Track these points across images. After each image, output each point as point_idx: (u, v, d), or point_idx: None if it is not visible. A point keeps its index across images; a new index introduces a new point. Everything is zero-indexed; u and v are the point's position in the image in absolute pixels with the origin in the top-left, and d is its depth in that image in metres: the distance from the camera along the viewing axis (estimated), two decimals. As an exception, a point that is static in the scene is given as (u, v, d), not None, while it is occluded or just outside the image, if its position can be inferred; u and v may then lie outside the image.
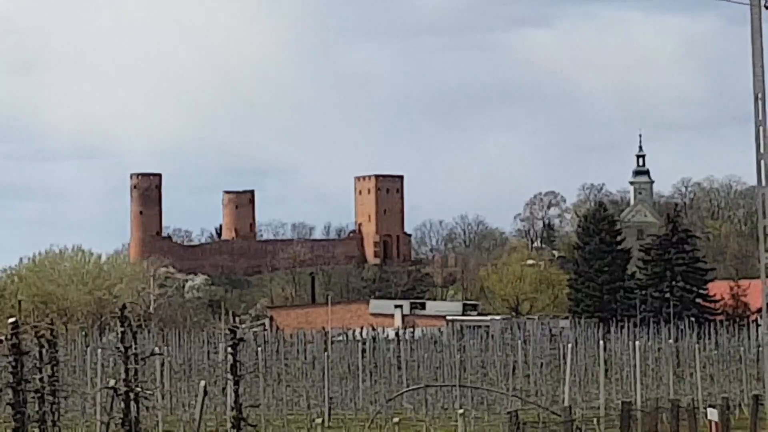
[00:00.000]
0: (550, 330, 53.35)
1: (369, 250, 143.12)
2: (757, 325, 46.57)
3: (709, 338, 47.44)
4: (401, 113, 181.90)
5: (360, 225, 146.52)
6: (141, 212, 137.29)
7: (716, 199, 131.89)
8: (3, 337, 18.65)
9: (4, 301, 74.67)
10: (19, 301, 45.54)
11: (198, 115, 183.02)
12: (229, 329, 18.99)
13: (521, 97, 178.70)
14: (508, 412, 24.46)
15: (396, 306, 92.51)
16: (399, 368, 41.97)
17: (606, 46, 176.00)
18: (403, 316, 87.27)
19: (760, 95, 25.89)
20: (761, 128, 26.61)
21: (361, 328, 64.70)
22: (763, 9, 27.58)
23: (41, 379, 18.05)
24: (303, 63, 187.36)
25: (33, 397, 16.82)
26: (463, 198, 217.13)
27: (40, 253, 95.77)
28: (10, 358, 17.04)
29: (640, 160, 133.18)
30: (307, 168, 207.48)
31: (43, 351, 18.08)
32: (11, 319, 16.72)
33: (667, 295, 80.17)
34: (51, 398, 17.70)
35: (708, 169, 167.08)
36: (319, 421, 28.17)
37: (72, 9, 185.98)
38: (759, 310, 55.39)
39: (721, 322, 64.35)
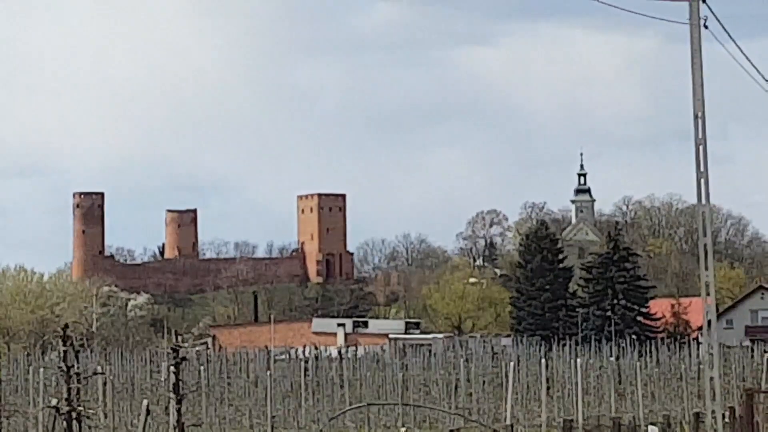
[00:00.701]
0: (492, 348, 54.58)
1: (312, 269, 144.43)
2: (698, 343, 48.18)
3: (651, 356, 48.40)
4: (345, 130, 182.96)
5: (303, 243, 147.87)
6: (83, 231, 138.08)
7: (657, 217, 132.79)
8: None
9: None
10: None
11: (141, 133, 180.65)
12: (171, 348, 18.85)
13: (465, 114, 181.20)
14: (451, 430, 24.82)
15: (339, 324, 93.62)
16: (342, 386, 42.21)
17: (549, 63, 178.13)
18: (346, 335, 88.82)
19: (699, 114, 26.45)
20: (701, 147, 27.30)
21: (304, 347, 65.86)
22: (702, 28, 28.49)
23: None
24: (246, 79, 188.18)
25: None
26: (405, 216, 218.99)
27: None
28: None
29: (582, 178, 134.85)
30: (250, 186, 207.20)
31: None
32: None
33: (609, 313, 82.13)
34: None
35: (649, 188, 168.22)
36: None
37: (12, 22, 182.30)
38: (700, 328, 56.80)
39: (663, 339, 65.98)
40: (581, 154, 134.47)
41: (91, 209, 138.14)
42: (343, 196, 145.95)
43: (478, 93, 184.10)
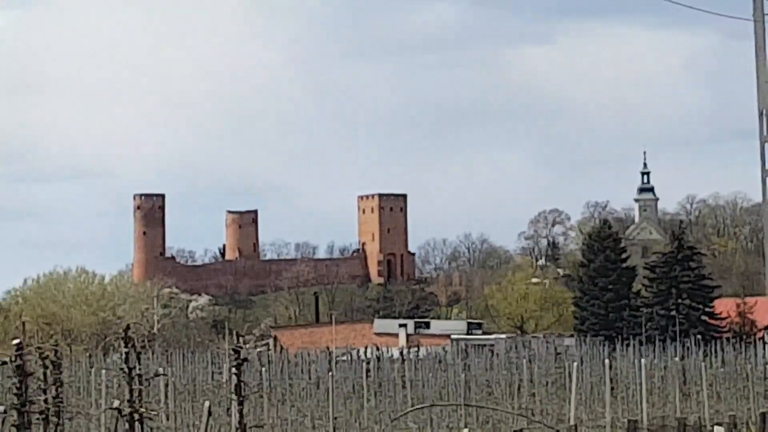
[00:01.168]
0: (555, 348, 53.94)
1: (373, 269, 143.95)
2: (764, 343, 48.23)
3: (716, 356, 47.66)
4: (404, 131, 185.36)
5: (364, 244, 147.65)
6: (144, 233, 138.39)
7: (722, 215, 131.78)
8: (7, 359, 17.81)
9: (8, 322, 76.00)
10: (23, 323, 46.16)
11: (201, 136, 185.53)
12: (233, 349, 19.21)
13: (523, 114, 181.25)
14: (514, 431, 24.84)
15: (400, 325, 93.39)
16: (404, 387, 42.23)
17: (607, 62, 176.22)
18: (408, 336, 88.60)
19: (765, 111, 25.97)
20: (766, 144, 26.69)
21: (366, 348, 65.50)
22: (765, 24, 27.65)
23: (46, 401, 17.95)
24: (304, 83, 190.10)
25: (38, 419, 17.43)
26: (466, 216, 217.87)
27: (44, 274, 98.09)
28: (15, 380, 16.63)
29: (645, 177, 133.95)
30: (310, 188, 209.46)
31: (48, 372, 18.32)
32: (15, 341, 16.96)
33: (673, 312, 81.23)
34: (55, 419, 18.49)
35: (713, 186, 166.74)
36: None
37: (74, 30, 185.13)
38: (766, 327, 55.70)
39: (728, 339, 64.99)
40: (644, 153, 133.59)
41: (151, 211, 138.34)
42: (404, 196, 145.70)
43: (536, 92, 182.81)
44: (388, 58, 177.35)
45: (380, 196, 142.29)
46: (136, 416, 17.84)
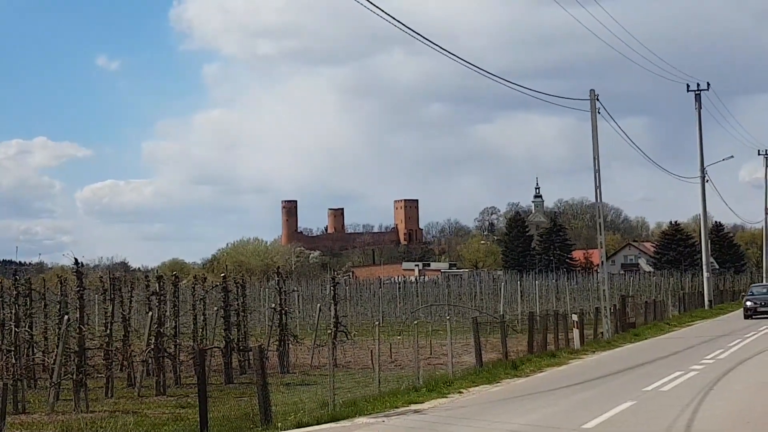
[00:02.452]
0: (493, 276, 73.17)
1: (401, 237, 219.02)
2: (597, 272, 58.48)
3: (573, 279, 66.59)
4: (419, 167, 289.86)
5: (396, 225, 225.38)
6: (287, 219, 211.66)
7: (576, 209, 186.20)
8: (218, 283, 27.60)
9: (220, 265, 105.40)
10: (226, 265, 64.68)
11: (314, 169, 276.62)
12: (331, 278, 33.32)
13: (479, 160, 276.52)
14: (472, 318, 27.96)
15: (415, 265, 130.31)
16: (417, 296, 59.66)
17: (520, 133, 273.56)
18: (419, 270, 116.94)
19: (596, 156, 47.54)
20: (597, 174, 48.85)
21: (398, 276, 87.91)
22: (597, 113, 47.79)
23: (237, 304, 27.66)
24: (368, 142, 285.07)
25: (234, 312, 27.12)
26: (449, 210, 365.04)
27: (237, 240, 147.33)
28: (221, 293, 26.56)
29: (537, 189, 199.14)
30: (372, 195, 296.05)
31: (238, 290, 28.34)
32: (222, 274, 28.30)
33: (551, 257, 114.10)
34: (242, 314, 27.80)
35: (571, 194, 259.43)
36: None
37: (253, 114, 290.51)
38: (597, 265, 73.30)
39: (579, 270, 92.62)
40: (537, 178, 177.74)
41: (290, 209, 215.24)
42: (417, 201, 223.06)
43: (486, 148, 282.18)
44: (413, 133, 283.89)
45: (405, 200, 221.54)
46: (284, 311, 28.54)
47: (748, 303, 49.61)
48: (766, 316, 48.01)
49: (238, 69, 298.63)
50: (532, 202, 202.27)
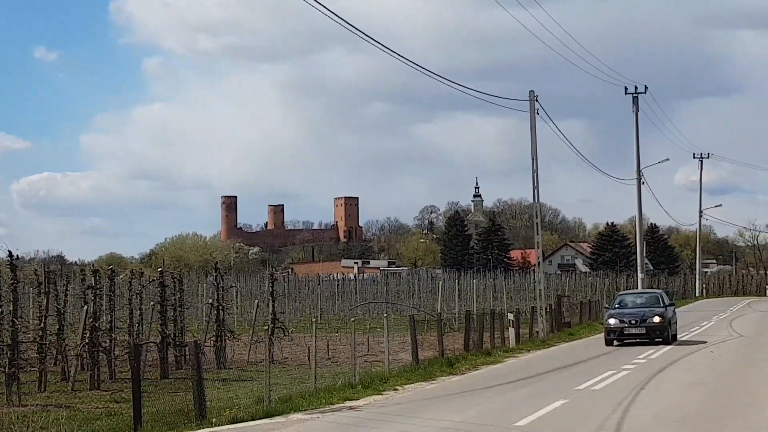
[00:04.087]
0: (431, 275, 74.20)
1: (341, 234, 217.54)
2: (534, 272, 52.76)
3: (510, 278, 67.55)
4: (360, 165, 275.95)
5: (336, 222, 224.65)
6: (226, 215, 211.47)
7: (516, 209, 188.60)
8: (155, 278, 27.54)
9: (158, 260, 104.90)
10: (163, 260, 64.64)
11: (253, 166, 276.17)
12: (270, 274, 33.20)
13: (420, 159, 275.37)
14: (409, 316, 28.62)
15: (354, 262, 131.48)
16: (356, 293, 60.36)
17: (462, 133, 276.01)
18: (358, 268, 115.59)
19: (534, 157, 48.37)
20: (535, 175, 49.61)
21: (337, 273, 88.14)
22: (535, 114, 48.36)
23: (174, 299, 27.37)
24: (310, 139, 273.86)
25: (171, 307, 26.87)
26: (389, 208, 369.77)
27: (176, 236, 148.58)
28: (158, 288, 26.52)
29: (477, 189, 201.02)
30: (311, 193, 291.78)
31: (176, 285, 27.84)
32: (159, 269, 28.54)
33: (489, 256, 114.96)
34: (180, 309, 27.59)
35: (509, 194, 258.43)
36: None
37: (194, 110, 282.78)
38: (534, 265, 74.69)
39: (517, 270, 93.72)
40: (476, 178, 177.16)
41: (230, 204, 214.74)
42: (357, 198, 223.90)
43: (428, 147, 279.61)
44: (355, 134, 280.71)
45: (345, 197, 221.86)
46: (221, 307, 28.64)
47: (612, 321, 31.94)
48: (636, 340, 31.89)
49: (179, 64, 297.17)
50: (472, 201, 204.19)
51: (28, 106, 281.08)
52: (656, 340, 31.81)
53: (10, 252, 21.55)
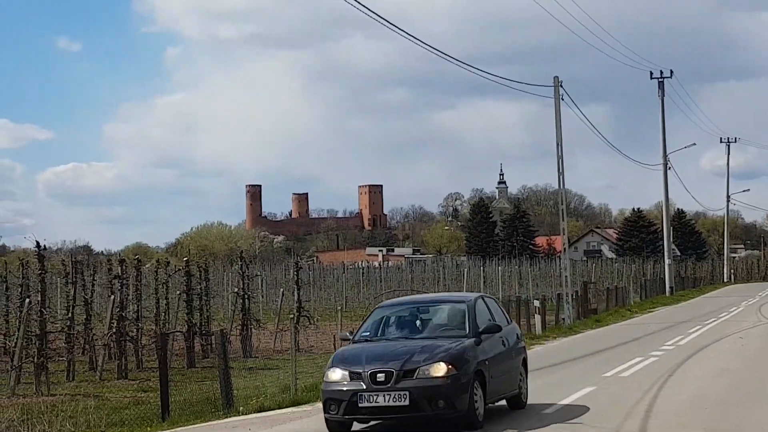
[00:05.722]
0: (456, 262, 74.15)
1: (366, 222, 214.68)
2: (560, 258, 54.59)
3: (536, 265, 66.92)
4: (383, 151, 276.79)
5: (361, 210, 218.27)
6: (251, 204, 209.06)
7: (540, 195, 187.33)
8: (181, 267, 27.40)
9: (183, 249, 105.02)
10: (189, 249, 64.79)
11: (277, 154, 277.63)
12: (295, 262, 36.06)
13: (440, 146, 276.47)
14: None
15: (379, 250, 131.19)
16: (381, 281, 60.31)
17: (482, 118, 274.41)
18: (383, 256, 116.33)
19: (559, 143, 47.92)
20: (560, 161, 48.82)
21: (362, 261, 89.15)
22: (560, 99, 38.64)
23: (200, 288, 27.74)
24: (329, 126, 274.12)
25: (197, 296, 27.33)
26: (413, 195, 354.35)
27: (201, 225, 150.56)
28: (184, 278, 26.48)
29: (501, 176, 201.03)
30: (335, 180, 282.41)
31: (201, 274, 28.30)
32: (185, 259, 28.21)
33: (514, 243, 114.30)
34: (205, 298, 27.97)
35: (536, 180, 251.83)
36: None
37: (215, 97, 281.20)
38: (560, 252, 73.59)
39: (542, 257, 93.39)
40: (501, 164, 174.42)
41: (255, 193, 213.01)
42: (381, 186, 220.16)
43: (447, 134, 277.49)
44: (377, 121, 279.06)
45: (369, 185, 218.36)
46: (246, 296, 28.56)
47: (335, 375, 13.44)
48: (380, 418, 13.66)
49: (200, 52, 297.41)
50: (496, 188, 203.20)
51: (52, 96, 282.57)
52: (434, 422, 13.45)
53: (37, 242, 21.70)
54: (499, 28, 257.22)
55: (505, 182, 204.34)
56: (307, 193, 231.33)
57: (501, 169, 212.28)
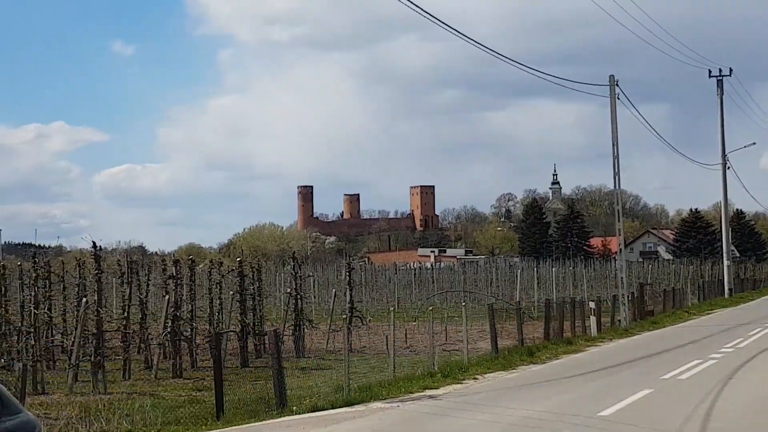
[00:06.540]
0: (509, 263, 74.06)
1: (417, 223, 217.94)
2: (615, 260, 56.58)
3: (590, 266, 65.68)
4: (433, 153, 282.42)
5: (413, 211, 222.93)
6: (302, 205, 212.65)
7: (595, 195, 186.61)
8: (234, 267, 27.59)
9: (235, 250, 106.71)
10: (242, 250, 65.50)
11: (328, 156, 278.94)
12: (347, 263, 35.48)
13: (493, 146, 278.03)
14: (488, 304, 28.78)
15: (431, 251, 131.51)
16: (433, 282, 60.11)
17: (533, 118, 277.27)
18: (435, 257, 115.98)
19: (615, 143, 47.36)
20: (616, 161, 48.45)
21: (414, 262, 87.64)
22: (616, 98, 41.71)
23: (253, 289, 27.89)
24: (382, 127, 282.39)
25: (250, 296, 27.45)
26: (464, 196, 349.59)
27: (254, 225, 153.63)
28: (237, 278, 26.75)
29: (554, 176, 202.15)
30: (385, 182, 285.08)
31: (254, 274, 28.39)
32: (238, 259, 28.86)
33: (568, 244, 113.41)
34: (258, 298, 28.18)
35: (590, 180, 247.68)
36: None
37: (266, 101, 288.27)
38: (615, 253, 72.54)
39: (597, 258, 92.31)
40: (554, 165, 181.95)
41: (306, 194, 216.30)
42: (433, 186, 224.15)
43: (499, 135, 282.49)
44: (427, 122, 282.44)
45: (421, 186, 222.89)
46: (298, 296, 29.07)
47: None
48: None
49: (251, 55, 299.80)
50: (550, 188, 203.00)
51: (107, 99, 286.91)
52: None
53: (94, 243, 21.94)
54: (550, 28, 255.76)
55: (558, 183, 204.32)
56: (358, 194, 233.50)
57: (555, 170, 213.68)
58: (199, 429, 14.74)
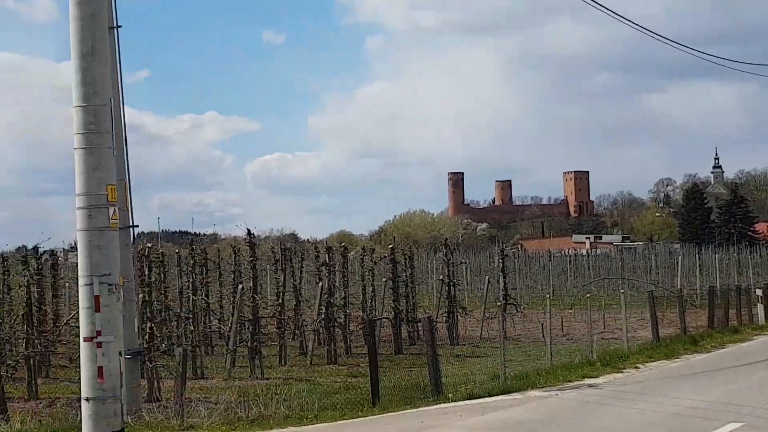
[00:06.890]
0: (669, 249, 71.45)
1: (571, 209, 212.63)
2: None
3: (756, 253, 64.18)
4: (589, 138, 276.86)
5: (566, 197, 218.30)
6: (453, 191, 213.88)
7: (761, 179, 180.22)
8: (386, 254, 28.23)
9: (386, 237, 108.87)
10: (393, 237, 65.75)
11: (480, 143, 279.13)
12: (500, 250, 34.71)
13: (649, 130, 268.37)
14: (648, 292, 27.35)
15: (587, 237, 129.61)
16: (589, 269, 58.81)
17: (695, 102, 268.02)
18: (590, 243, 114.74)
19: None
20: None
21: (568, 249, 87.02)
22: None
23: (405, 276, 27.92)
24: (534, 114, 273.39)
25: (403, 283, 27.41)
26: (622, 180, 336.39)
27: (404, 213, 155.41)
28: (390, 265, 26.89)
29: (716, 160, 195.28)
30: (540, 168, 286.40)
31: (406, 261, 28.97)
32: (390, 246, 28.78)
33: (732, 230, 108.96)
34: (411, 285, 28.21)
35: (755, 164, 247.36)
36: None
37: (418, 89, 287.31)
38: None
39: (763, 244, 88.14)
40: (716, 149, 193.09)
41: (457, 180, 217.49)
42: (587, 172, 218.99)
43: (659, 118, 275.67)
44: (581, 106, 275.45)
45: (575, 172, 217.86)
46: (451, 283, 28.72)
47: None
48: None
49: (400, 41, 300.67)
50: (711, 173, 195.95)
51: (259, 89, 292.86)
52: None
53: (248, 230, 22.26)
54: (711, 7, 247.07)
55: (720, 167, 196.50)
56: (510, 180, 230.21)
57: (716, 153, 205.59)
58: (356, 415, 14.69)
